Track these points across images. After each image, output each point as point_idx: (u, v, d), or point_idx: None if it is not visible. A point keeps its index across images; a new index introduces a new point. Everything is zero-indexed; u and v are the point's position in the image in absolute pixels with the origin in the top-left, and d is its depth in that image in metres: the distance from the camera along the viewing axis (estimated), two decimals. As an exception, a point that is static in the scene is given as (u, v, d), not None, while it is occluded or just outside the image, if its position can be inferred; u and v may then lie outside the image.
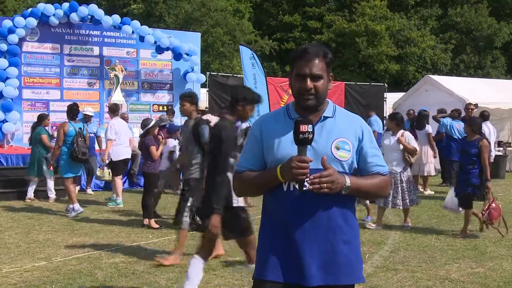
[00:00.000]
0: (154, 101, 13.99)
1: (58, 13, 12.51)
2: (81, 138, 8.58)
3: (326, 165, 2.22)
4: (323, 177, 2.19)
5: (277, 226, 2.35)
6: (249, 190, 2.51)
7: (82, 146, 8.54)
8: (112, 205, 9.51)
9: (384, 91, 18.46)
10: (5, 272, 5.35)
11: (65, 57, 13.05)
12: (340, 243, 2.31)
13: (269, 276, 2.32)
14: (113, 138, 9.46)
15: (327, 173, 2.20)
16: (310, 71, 2.30)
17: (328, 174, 2.20)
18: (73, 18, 12.69)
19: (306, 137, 2.19)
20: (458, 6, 32.01)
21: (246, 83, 13.70)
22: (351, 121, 2.42)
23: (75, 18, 12.67)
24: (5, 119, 11.86)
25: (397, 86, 26.76)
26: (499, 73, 30.86)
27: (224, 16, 27.50)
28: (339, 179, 2.23)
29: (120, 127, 9.74)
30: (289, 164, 2.20)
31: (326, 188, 2.19)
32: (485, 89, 16.16)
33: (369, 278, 5.10)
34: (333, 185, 2.20)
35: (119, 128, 9.66)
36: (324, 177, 2.19)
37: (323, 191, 2.19)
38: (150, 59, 13.99)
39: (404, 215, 7.78)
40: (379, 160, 2.41)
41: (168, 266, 5.49)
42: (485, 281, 5.13)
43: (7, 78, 11.93)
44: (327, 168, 2.21)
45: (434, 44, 29.91)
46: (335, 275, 2.30)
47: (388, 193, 2.49)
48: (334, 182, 2.20)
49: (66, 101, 11.35)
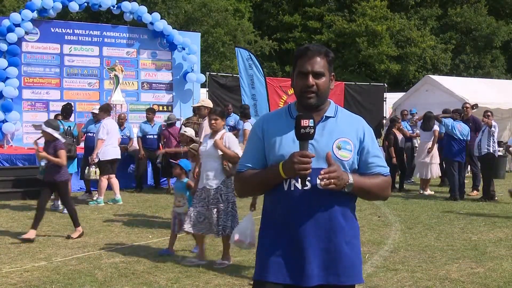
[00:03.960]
0: (154, 101, 13.99)
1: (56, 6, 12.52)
2: (68, 136, 8.89)
3: (331, 161, 2.22)
4: (330, 172, 2.19)
5: (277, 226, 2.35)
6: (250, 188, 2.49)
7: (68, 144, 8.76)
8: (93, 204, 9.52)
9: (384, 91, 18.47)
10: (5, 272, 5.35)
11: (65, 57, 13.05)
12: (342, 243, 2.31)
13: (270, 277, 2.31)
14: (104, 138, 9.46)
15: (333, 169, 2.21)
16: (312, 68, 2.31)
17: (334, 170, 2.20)
18: (72, 7, 12.75)
19: (307, 132, 2.19)
20: (458, 6, 32.03)
21: (242, 85, 13.75)
22: (353, 121, 2.42)
23: (74, 7, 12.73)
24: (5, 119, 11.86)
25: (397, 86, 26.77)
26: (499, 72, 30.87)
27: (224, 16, 27.51)
28: (343, 175, 2.24)
29: (112, 127, 9.75)
30: (291, 159, 2.20)
31: (332, 184, 2.19)
32: (485, 89, 16.18)
33: (369, 278, 5.10)
34: (338, 180, 2.20)
35: (110, 128, 9.67)
36: (331, 173, 2.19)
37: (330, 187, 2.19)
38: (150, 59, 14.00)
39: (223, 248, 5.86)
40: (380, 160, 2.42)
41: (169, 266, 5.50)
42: (485, 281, 5.12)
43: (7, 78, 11.93)
44: (332, 164, 2.22)
45: (434, 44, 29.92)
46: (337, 275, 2.30)
47: (388, 195, 2.47)
48: (339, 177, 2.21)
49: (66, 101, 11.34)
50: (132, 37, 13.68)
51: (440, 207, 9.62)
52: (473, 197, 10.80)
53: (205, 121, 7.40)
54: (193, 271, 5.40)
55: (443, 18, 32.26)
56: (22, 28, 12.13)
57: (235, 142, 5.61)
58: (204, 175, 5.57)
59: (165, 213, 8.57)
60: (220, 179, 5.53)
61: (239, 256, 5.94)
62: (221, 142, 5.52)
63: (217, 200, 5.51)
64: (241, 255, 5.96)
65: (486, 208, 9.51)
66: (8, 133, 12.03)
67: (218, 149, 5.49)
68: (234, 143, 5.59)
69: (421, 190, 11.58)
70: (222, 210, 5.50)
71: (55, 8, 12.57)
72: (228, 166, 5.54)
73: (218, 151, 5.51)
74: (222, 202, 5.52)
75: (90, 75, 13.36)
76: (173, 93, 14.19)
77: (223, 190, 5.52)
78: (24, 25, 12.14)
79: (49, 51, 12.90)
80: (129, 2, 13.50)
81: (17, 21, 12.03)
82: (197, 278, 5.19)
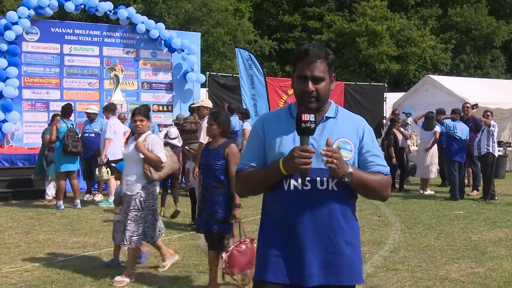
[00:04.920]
0: (154, 101, 13.97)
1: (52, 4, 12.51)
2: (71, 133, 9.20)
3: (330, 143, 2.22)
4: (332, 151, 2.18)
5: (277, 226, 2.34)
6: (250, 187, 2.47)
7: (73, 140, 9.13)
8: (104, 205, 9.54)
9: (384, 91, 18.46)
10: (5, 272, 5.35)
11: (65, 57, 13.04)
12: (342, 243, 2.31)
13: (270, 277, 2.31)
14: (111, 138, 9.47)
15: (335, 149, 2.21)
16: (311, 73, 2.30)
17: (336, 151, 2.21)
18: (68, 7, 12.74)
19: (308, 126, 2.18)
20: (458, 6, 32.02)
21: (242, 85, 13.78)
22: (353, 121, 2.42)
23: (70, 7, 12.71)
24: (5, 119, 11.85)
25: (397, 86, 26.77)
26: (499, 72, 30.86)
27: (224, 16, 27.51)
28: (344, 162, 2.23)
29: (118, 127, 9.77)
30: (292, 154, 2.19)
31: (334, 164, 2.17)
32: (485, 89, 16.18)
33: (369, 278, 5.10)
34: (340, 162, 2.19)
35: (117, 128, 9.69)
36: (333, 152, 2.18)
37: (332, 166, 2.17)
38: (150, 59, 13.99)
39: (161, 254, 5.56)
40: (380, 160, 2.42)
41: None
42: (485, 281, 5.13)
43: (7, 78, 11.91)
44: None
45: (434, 44, 29.92)
46: (337, 275, 2.30)
47: (388, 195, 2.46)
48: (340, 160, 2.20)
49: (66, 101, 11.33)
50: (132, 37, 13.67)
51: (440, 207, 9.63)
52: (473, 197, 10.80)
53: (204, 121, 7.41)
54: (193, 271, 5.41)
55: (443, 18, 32.25)
56: (19, 26, 12.10)
57: (158, 145, 5.22)
58: (124, 180, 5.19)
59: (165, 213, 8.56)
60: (141, 185, 5.09)
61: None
62: (143, 145, 5.11)
63: (136, 208, 5.04)
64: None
65: (486, 208, 9.51)
66: (8, 133, 12.02)
67: (139, 152, 5.09)
68: (158, 146, 5.19)
69: (421, 190, 11.59)
70: (141, 218, 5.06)
71: (51, 7, 12.55)
72: (150, 171, 5.10)
73: (140, 154, 5.10)
74: (142, 210, 5.07)
75: (90, 75, 13.35)
76: (173, 93, 14.19)
77: (143, 196, 5.08)
78: (22, 22, 12.11)
79: (49, 51, 12.89)
80: (125, 9, 13.37)
81: (13, 20, 12.02)
82: (197, 278, 5.20)
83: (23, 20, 12.12)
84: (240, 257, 4.36)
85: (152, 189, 5.18)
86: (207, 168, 4.80)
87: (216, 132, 4.83)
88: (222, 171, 4.73)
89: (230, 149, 4.76)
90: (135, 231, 5.03)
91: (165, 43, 13.75)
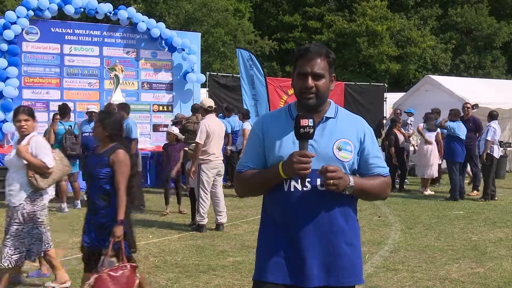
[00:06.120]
0: (154, 101, 13.98)
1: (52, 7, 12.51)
2: (70, 135, 9.04)
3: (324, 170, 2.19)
4: (331, 172, 2.16)
5: (277, 227, 2.34)
6: (250, 188, 2.47)
7: (71, 142, 8.97)
8: None
9: (384, 91, 18.45)
10: (5, 272, 5.34)
11: (65, 57, 13.05)
12: (342, 245, 2.31)
13: (270, 277, 2.31)
14: None
15: (333, 168, 2.18)
16: (311, 70, 2.30)
17: (334, 169, 2.17)
18: (67, 10, 12.73)
19: (307, 131, 2.18)
20: (458, 6, 32.02)
21: (243, 85, 13.80)
22: (353, 122, 2.42)
23: (69, 10, 12.71)
24: (5, 119, 11.85)
25: (397, 86, 26.76)
26: (499, 72, 30.85)
27: (225, 16, 27.52)
28: (345, 177, 2.22)
29: None
30: (291, 159, 2.19)
31: (333, 185, 2.16)
32: (485, 89, 16.16)
33: (369, 278, 5.10)
34: (339, 181, 2.18)
35: None
36: (332, 172, 2.16)
37: (331, 188, 2.17)
38: (150, 59, 13.99)
39: None
40: (380, 161, 2.42)
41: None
42: (485, 281, 5.13)
43: (7, 78, 11.92)
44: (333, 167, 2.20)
45: (434, 44, 29.92)
46: (337, 276, 2.30)
47: (388, 195, 2.46)
48: (341, 178, 2.19)
49: (66, 101, 11.33)
50: (132, 37, 13.67)
51: (440, 207, 9.63)
52: (473, 197, 10.80)
53: (204, 121, 7.44)
54: (193, 271, 5.40)
55: (443, 18, 32.25)
56: (18, 25, 12.10)
57: (43, 149, 4.54)
58: (6, 190, 4.55)
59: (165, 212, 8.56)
60: (25, 195, 4.46)
61: (239, 256, 5.94)
62: (26, 149, 4.44)
63: (18, 222, 4.43)
64: (241, 255, 5.96)
65: (486, 208, 9.51)
66: (8, 133, 12.02)
67: (21, 157, 4.44)
68: (42, 150, 4.52)
69: (421, 190, 11.59)
70: (24, 233, 4.44)
71: (51, 10, 12.55)
72: (35, 178, 4.46)
73: (22, 160, 4.45)
74: (24, 224, 4.45)
75: (90, 75, 13.35)
76: (173, 93, 14.18)
77: (27, 208, 4.46)
78: (20, 22, 12.11)
79: (49, 51, 12.89)
80: (125, 9, 13.40)
81: (12, 19, 12.02)
82: (197, 278, 5.20)
83: (21, 19, 12.11)
84: (111, 284, 3.59)
85: (38, 199, 4.55)
86: (90, 176, 4.08)
87: (101, 135, 4.06)
88: (107, 180, 3.94)
89: (116, 155, 3.95)
90: (17, 249, 4.41)
91: (165, 42, 13.75)
